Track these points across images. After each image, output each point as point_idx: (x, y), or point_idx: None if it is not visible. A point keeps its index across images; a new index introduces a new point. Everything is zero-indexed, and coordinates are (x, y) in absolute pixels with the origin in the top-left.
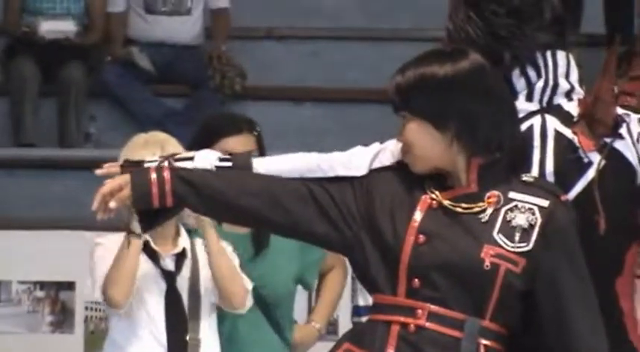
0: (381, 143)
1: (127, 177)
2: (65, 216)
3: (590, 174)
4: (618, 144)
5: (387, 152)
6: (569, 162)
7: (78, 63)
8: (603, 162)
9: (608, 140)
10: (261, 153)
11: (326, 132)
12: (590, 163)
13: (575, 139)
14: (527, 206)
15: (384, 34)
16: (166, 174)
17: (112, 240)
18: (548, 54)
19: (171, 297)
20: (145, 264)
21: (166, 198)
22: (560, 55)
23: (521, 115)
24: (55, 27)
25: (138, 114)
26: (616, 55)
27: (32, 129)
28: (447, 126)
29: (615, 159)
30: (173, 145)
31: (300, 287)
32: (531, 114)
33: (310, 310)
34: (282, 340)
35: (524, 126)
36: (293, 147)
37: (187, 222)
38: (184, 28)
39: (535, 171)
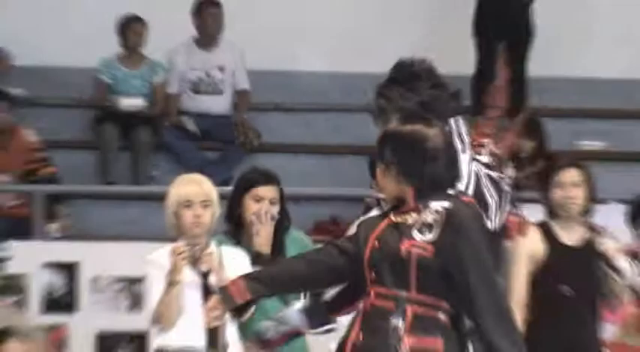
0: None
1: (216, 299)
2: (135, 232)
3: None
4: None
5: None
6: (504, 194)
7: (146, 127)
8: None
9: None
10: (282, 200)
11: (318, 177)
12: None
13: (505, 178)
14: (436, 208)
15: (354, 107)
16: (241, 282)
17: (161, 254)
18: (459, 118)
19: (207, 290)
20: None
21: (245, 296)
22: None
23: (465, 163)
24: (130, 102)
25: (186, 162)
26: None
27: (114, 172)
28: (391, 169)
29: None
30: (207, 183)
31: None
32: (470, 161)
33: None
34: None
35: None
36: (294, 186)
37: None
38: (219, 103)
39: (493, 208)
